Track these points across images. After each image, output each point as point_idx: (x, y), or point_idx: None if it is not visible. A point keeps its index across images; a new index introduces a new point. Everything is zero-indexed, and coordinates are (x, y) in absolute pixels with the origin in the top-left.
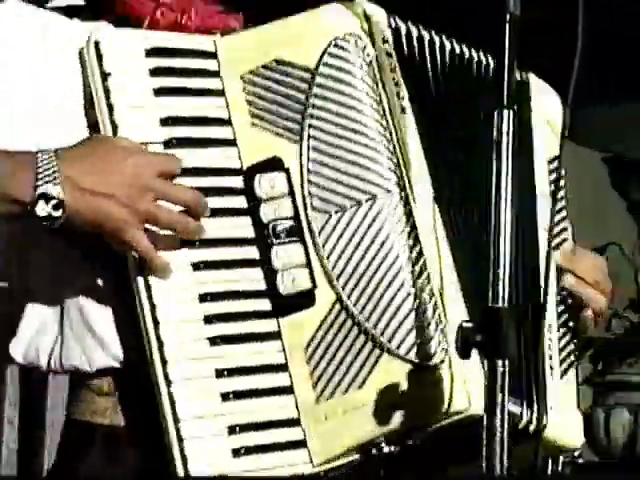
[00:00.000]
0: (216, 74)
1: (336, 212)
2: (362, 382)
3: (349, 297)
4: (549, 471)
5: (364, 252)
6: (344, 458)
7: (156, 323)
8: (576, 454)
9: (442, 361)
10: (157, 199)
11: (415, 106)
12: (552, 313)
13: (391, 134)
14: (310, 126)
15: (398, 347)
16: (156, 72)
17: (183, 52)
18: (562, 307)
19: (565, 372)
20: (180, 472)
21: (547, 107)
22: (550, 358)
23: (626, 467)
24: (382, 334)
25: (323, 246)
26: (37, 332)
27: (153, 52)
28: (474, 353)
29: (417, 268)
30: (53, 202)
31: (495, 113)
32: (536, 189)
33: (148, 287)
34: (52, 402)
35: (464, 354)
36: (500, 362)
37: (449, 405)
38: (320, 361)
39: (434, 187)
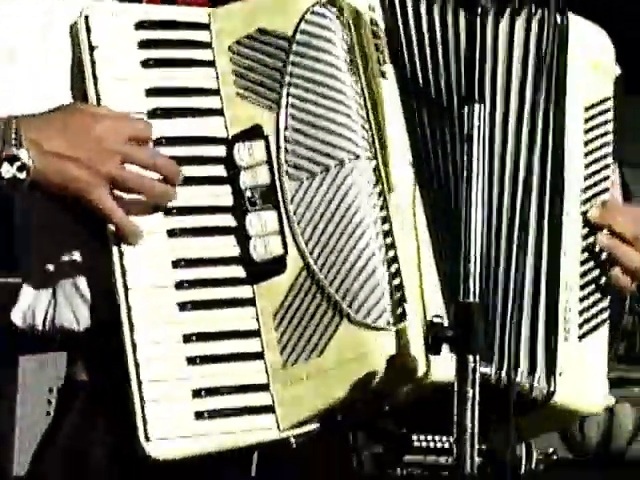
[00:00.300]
0: (208, 45)
1: (307, 178)
2: (323, 348)
3: (316, 262)
4: (522, 468)
5: (330, 217)
6: (310, 424)
7: (126, 288)
8: (550, 451)
9: (399, 325)
10: (124, 162)
11: (401, 72)
12: (573, 271)
13: (365, 100)
14: (288, 94)
15: (357, 312)
16: (145, 44)
17: (175, 24)
18: (589, 265)
19: (585, 335)
20: (141, 435)
21: (592, 48)
22: (565, 320)
23: (600, 464)
24: (343, 299)
25: (294, 213)
26: (34, 298)
27: (143, 25)
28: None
29: (381, 234)
30: (17, 164)
31: (466, 107)
32: (564, 144)
33: (121, 253)
34: (22, 397)
35: (435, 350)
36: (471, 357)
37: (407, 371)
38: (287, 327)
39: (413, 155)
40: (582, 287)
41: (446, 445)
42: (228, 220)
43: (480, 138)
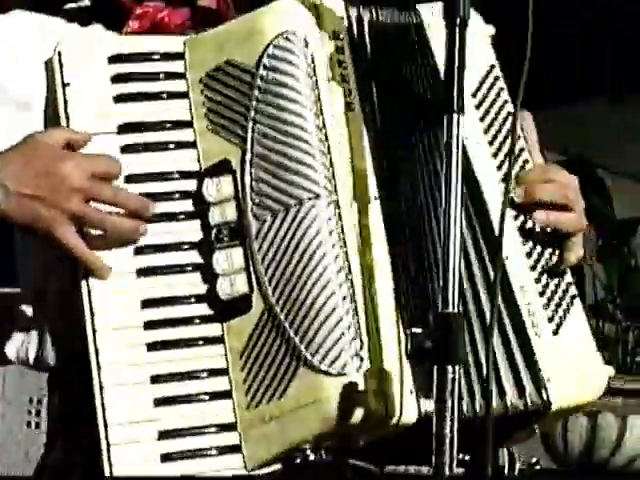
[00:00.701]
0: (182, 76)
1: (271, 217)
2: (283, 391)
3: (277, 303)
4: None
5: (290, 257)
6: (274, 464)
7: (94, 330)
8: (533, 461)
9: (357, 370)
10: (87, 200)
11: (367, 101)
12: (522, 270)
13: (326, 135)
14: (252, 130)
15: (313, 356)
16: (117, 79)
17: (148, 56)
18: (536, 252)
19: (559, 326)
20: (107, 474)
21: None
22: (533, 324)
23: (583, 474)
24: (301, 343)
25: (258, 251)
26: (27, 335)
27: (115, 59)
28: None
29: (341, 275)
30: None
31: (444, 117)
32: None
33: (89, 291)
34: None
35: (417, 360)
36: (450, 368)
37: (366, 414)
38: (252, 368)
39: (380, 187)
40: (537, 280)
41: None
42: (195, 257)
43: (459, 147)
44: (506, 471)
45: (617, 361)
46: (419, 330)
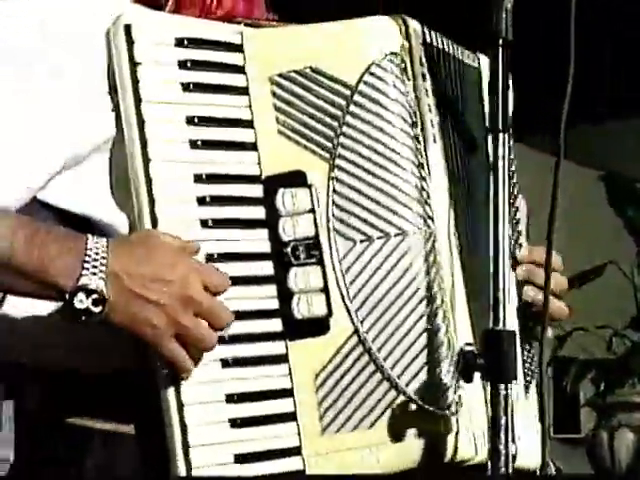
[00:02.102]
0: (241, 69)
1: (361, 241)
2: (373, 422)
3: (367, 331)
4: None
5: (389, 288)
6: None
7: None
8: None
9: (456, 411)
10: (197, 314)
11: (443, 132)
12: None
13: (422, 166)
14: (342, 145)
15: (415, 392)
16: (184, 65)
17: (211, 43)
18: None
19: (527, 387)
20: None
21: None
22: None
23: None
24: (399, 376)
25: (344, 274)
26: None
27: (183, 42)
28: None
29: (440, 314)
30: (94, 296)
31: (490, 137)
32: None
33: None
34: None
35: (466, 378)
36: (502, 385)
37: (455, 454)
38: (330, 392)
39: (451, 218)
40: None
41: None
42: (266, 269)
43: (505, 166)
44: None
45: None
46: (470, 348)
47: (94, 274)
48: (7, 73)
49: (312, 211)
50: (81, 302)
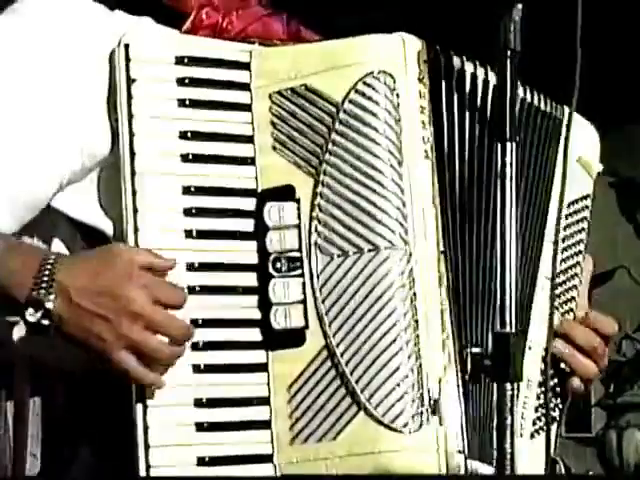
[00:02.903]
0: (246, 87)
1: (338, 256)
2: (336, 434)
3: (337, 345)
4: None
5: (359, 303)
6: None
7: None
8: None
9: (417, 429)
10: (146, 328)
11: (439, 148)
12: (535, 369)
13: (405, 185)
14: (327, 162)
15: (376, 408)
16: (183, 82)
17: (214, 62)
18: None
19: (535, 433)
20: None
21: (579, 142)
22: (522, 417)
23: None
24: (362, 391)
25: (320, 288)
26: None
27: (183, 60)
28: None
29: (409, 331)
30: (42, 311)
31: (498, 145)
32: (544, 236)
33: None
34: None
35: (475, 379)
36: (509, 385)
37: (416, 470)
38: (301, 404)
39: (440, 237)
40: (539, 384)
41: None
42: (251, 279)
43: (512, 174)
44: None
45: None
46: (478, 350)
47: (43, 289)
48: (20, 90)
49: (297, 226)
50: (31, 315)
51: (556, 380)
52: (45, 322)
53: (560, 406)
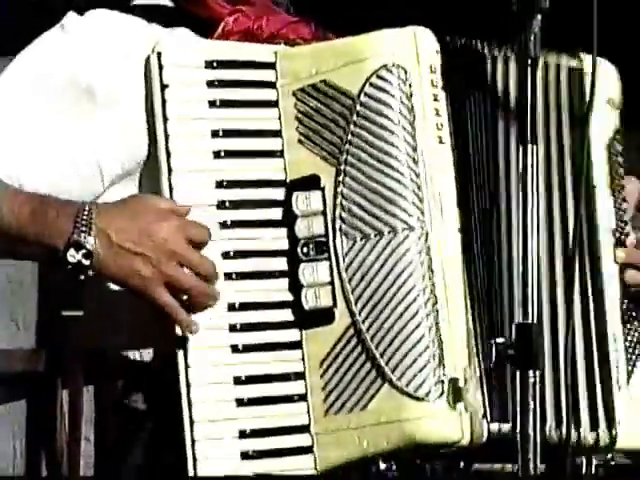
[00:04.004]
0: (272, 85)
1: (361, 239)
2: (364, 405)
3: (363, 322)
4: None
5: (380, 282)
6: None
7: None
8: (609, 456)
9: (439, 397)
10: (181, 264)
11: (456, 134)
12: (617, 321)
13: (420, 169)
14: (347, 152)
15: (399, 379)
16: (213, 84)
17: (241, 63)
18: (625, 305)
19: (631, 372)
20: (190, 471)
21: (607, 86)
22: (618, 370)
23: None
24: (387, 364)
25: (346, 270)
26: None
27: (212, 64)
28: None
29: (429, 305)
30: (83, 251)
31: (520, 149)
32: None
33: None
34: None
35: (498, 368)
36: (531, 372)
37: (443, 438)
38: (332, 378)
39: (461, 218)
40: (624, 332)
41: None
42: (283, 264)
43: (534, 176)
44: (584, 468)
45: None
46: (501, 340)
47: (83, 231)
48: (74, 109)
49: (323, 212)
50: (72, 257)
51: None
52: (86, 262)
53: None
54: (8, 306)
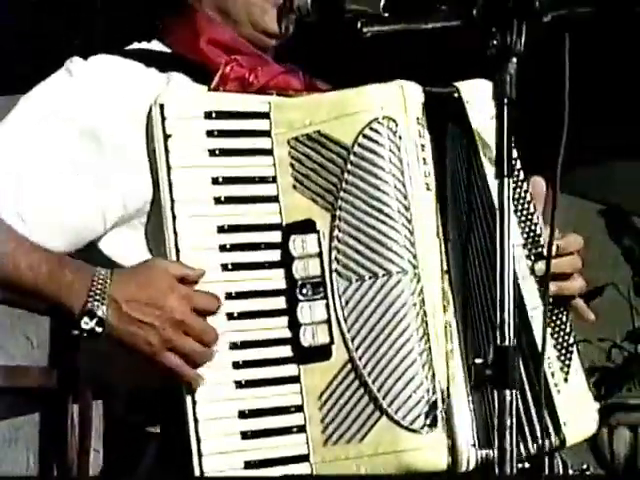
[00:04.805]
0: (267, 134)
1: (356, 280)
2: (362, 437)
3: (360, 358)
4: None
5: (376, 321)
6: None
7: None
8: (584, 467)
9: (433, 430)
10: (186, 333)
11: (438, 180)
12: (539, 329)
13: (411, 215)
14: (342, 198)
15: (396, 412)
16: (212, 134)
17: (238, 114)
18: (549, 313)
19: (568, 373)
20: None
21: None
22: (553, 375)
23: (627, 478)
24: (383, 398)
25: (342, 309)
26: None
27: (211, 115)
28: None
29: (422, 343)
30: (96, 319)
31: (497, 182)
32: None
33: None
34: None
35: (477, 387)
36: (508, 392)
37: (436, 467)
38: (330, 410)
39: (443, 258)
40: (552, 335)
41: None
42: (282, 303)
43: (509, 206)
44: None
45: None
46: (480, 361)
47: (97, 301)
48: (79, 148)
49: (319, 254)
50: (86, 323)
51: (564, 316)
52: (99, 329)
53: (569, 331)
54: (23, 326)
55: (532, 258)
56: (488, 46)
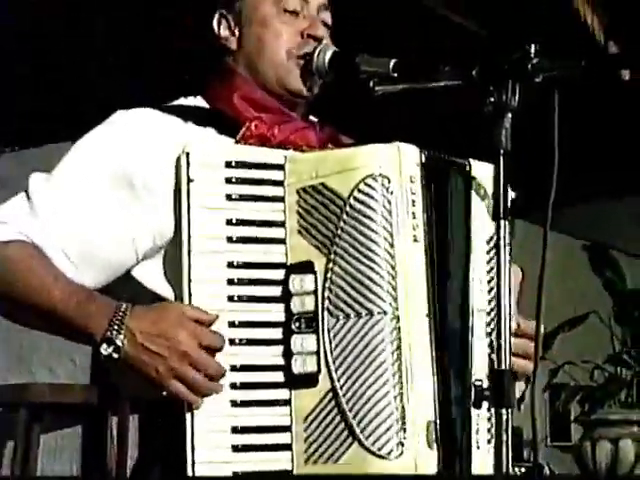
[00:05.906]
0: (280, 183)
1: (343, 317)
2: (337, 458)
3: (341, 388)
4: None
5: (357, 355)
6: None
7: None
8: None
9: (399, 456)
10: (191, 365)
11: (428, 234)
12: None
13: (395, 263)
14: (336, 244)
15: (367, 438)
16: (230, 181)
17: (256, 165)
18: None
19: (487, 443)
20: None
21: (487, 185)
22: (477, 432)
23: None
24: (357, 425)
25: (330, 342)
26: None
27: (231, 164)
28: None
29: (396, 377)
30: (114, 346)
31: (494, 223)
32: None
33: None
34: None
35: (477, 405)
36: (504, 410)
37: None
38: (314, 432)
39: (429, 303)
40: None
41: None
42: (278, 334)
43: (506, 246)
44: None
45: (632, 398)
46: (479, 383)
47: (115, 330)
48: (116, 194)
49: (315, 293)
50: (105, 350)
51: None
52: (115, 355)
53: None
54: (68, 348)
55: (491, 326)
56: (486, 103)
